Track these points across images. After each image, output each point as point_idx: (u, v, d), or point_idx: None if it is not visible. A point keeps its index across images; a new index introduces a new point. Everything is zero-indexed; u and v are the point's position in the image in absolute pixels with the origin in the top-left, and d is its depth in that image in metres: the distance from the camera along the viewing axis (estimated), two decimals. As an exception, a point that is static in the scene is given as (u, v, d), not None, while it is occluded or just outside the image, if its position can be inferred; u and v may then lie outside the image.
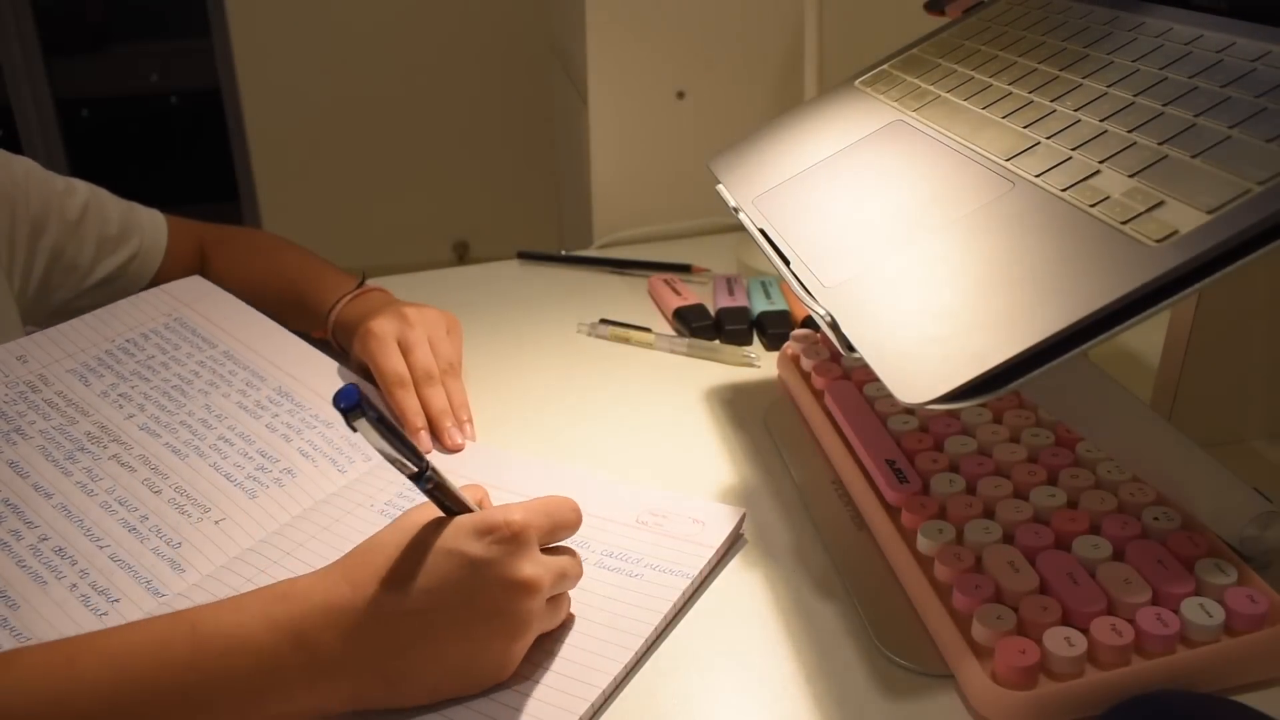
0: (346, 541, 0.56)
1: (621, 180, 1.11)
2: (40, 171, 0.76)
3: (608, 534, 0.57)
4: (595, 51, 1.06)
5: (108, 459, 0.56)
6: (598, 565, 0.54)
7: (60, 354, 0.62)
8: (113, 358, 0.63)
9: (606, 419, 0.72)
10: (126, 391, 0.61)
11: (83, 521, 0.53)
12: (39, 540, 0.51)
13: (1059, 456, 0.56)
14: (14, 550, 0.50)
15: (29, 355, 0.60)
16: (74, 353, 0.62)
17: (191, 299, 0.72)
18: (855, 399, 0.64)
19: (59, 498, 0.53)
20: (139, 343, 0.65)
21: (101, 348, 0.64)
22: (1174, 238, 0.40)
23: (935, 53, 0.69)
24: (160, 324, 0.67)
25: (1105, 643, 0.43)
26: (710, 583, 0.54)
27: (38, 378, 0.59)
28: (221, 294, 0.74)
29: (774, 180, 0.64)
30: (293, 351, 0.71)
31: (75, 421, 0.57)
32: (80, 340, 0.64)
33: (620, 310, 0.88)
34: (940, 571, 0.49)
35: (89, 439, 0.57)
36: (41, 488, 0.53)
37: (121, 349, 0.64)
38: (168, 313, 0.69)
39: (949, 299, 0.45)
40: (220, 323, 0.70)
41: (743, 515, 0.58)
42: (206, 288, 0.73)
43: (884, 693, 0.47)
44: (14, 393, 0.58)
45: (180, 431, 0.60)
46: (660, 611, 0.51)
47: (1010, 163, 0.51)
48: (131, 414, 0.60)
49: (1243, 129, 0.43)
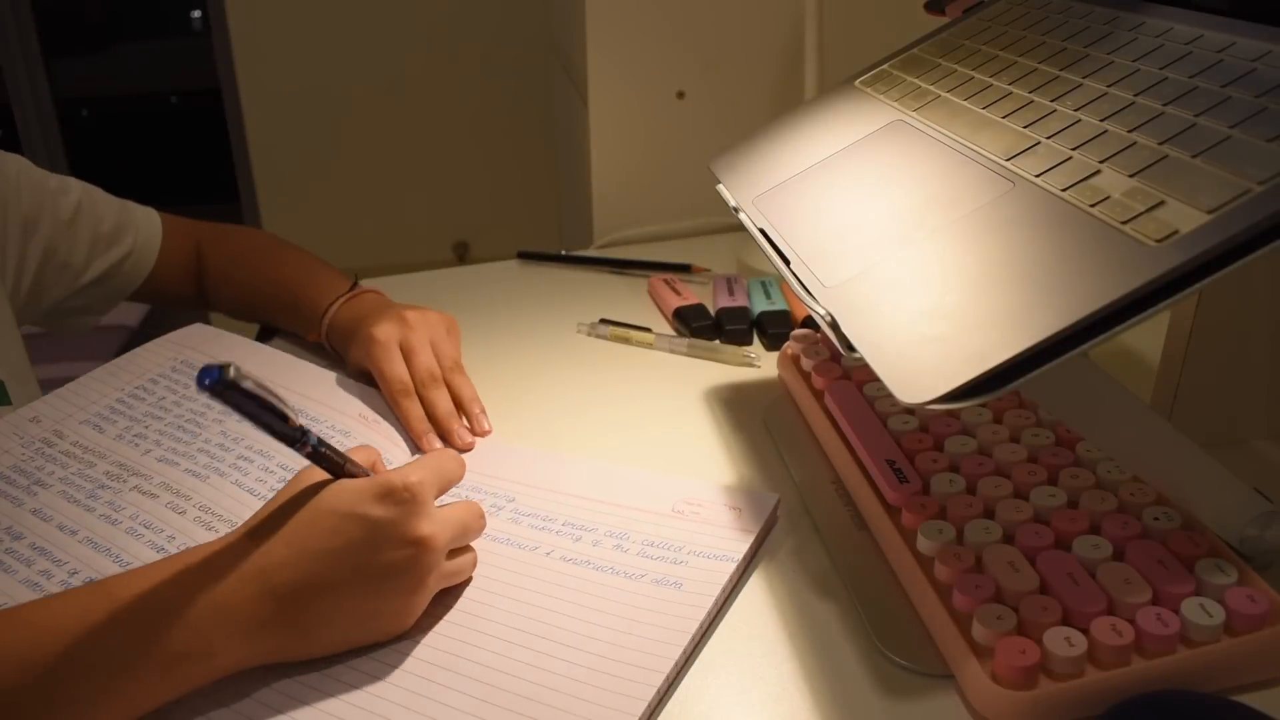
0: None
1: (621, 180, 1.11)
2: (32, 170, 0.76)
3: (646, 525, 0.57)
4: (595, 51, 1.06)
5: (129, 490, 0.57)
6: (640, 555, 0.55)
7: (72, 409, 0.63)
8: (124, 405, 0.64)
9: (606, 419, 0.72)
10: (141, 431, 0.62)
11: (110, 549, 0.53)
12: (69, 575, 0.51)
13: (1059, 456, 0.56)
14: (45, 588, 0.50)
15: (41, 415, 0.62)
16: (85, 405, 0.63)
17: (196, 342, 0.72)
18: (855, 399, 0.64)
19: (84, 533, 0.54)
20: (148, 388, 0.66)
21: (112, 397, 0.65)
22: (1174, 237, 0.40)
23: (935, 52, 0.69)
24: (168, 368, 0.68)
25: (1105, 643, 0.43)
26: (750, 573, 0.55)
27: (52, 433, 0.60)
28: (227, 335, 0.74)
29: (774, 180, 0.64)
30: (301, 372, 0.72)
31: (93, 465, 0.58)
32: (90, 394, 0.65)
33: (620, 310, 0.87)
34: (940, 571, 0.49)
35: (108, 477, 0.58)
36: (66, 527, 0.54)
37: (132, 395, 0.65)
38: (174, 356, 0.70)
39: (949, 299, 0.45)
40: (227, 358, 0.71)
41: (778, 500, 0.59)
42: (211, 332, 0.74)
43: (884, 693, 0.47)
44: (30, 450, 0.59)
45: (198, 458, 0.60)
46: (711, 596, 0.51)
47: (1010, 162, 0.51)
48: (148, 449, 0.60)
49: (1243, 129, 0.43)
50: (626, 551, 0.55)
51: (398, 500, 0.48)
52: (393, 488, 0.48)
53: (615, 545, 0.55)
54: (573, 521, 0.58)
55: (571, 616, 0.51)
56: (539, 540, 0.56)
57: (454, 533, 0.51)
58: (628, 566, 0.54)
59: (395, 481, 0.48)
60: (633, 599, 0.51)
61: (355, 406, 0.69)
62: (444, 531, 0.49)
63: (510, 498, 0.61)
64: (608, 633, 0.49)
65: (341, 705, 0.46)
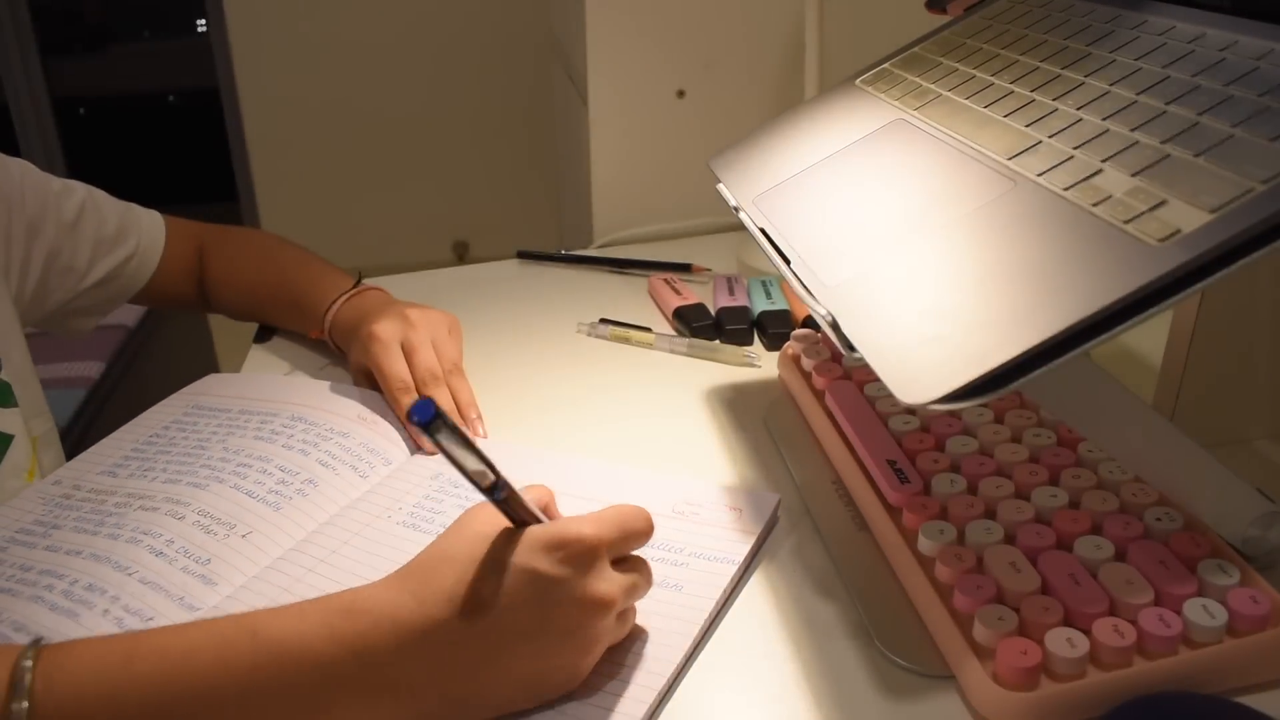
0: (377, 546, 0.56)
1: (621, 180, 1.11)
2: (36, 173, 0.76)
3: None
4: (595, 51, 1.06)
5: (133, 510, 0.57)
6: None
7: (91, 466, 0.64)
8: (139, 452, 0.65)
9: (606, 419, 0.72)
10: (150, 466, 0.63)
11: (110, 557, 0.53)
12: (70, 585, 0.52)
13: (1060, 457, 0.56)
14: (46, 599, 0.51)
15: (62, 478, 0.63)
16: (102, 461, 0.64)
17: (207, 389, 0.73)
18: (856, 399, 0.64)
19: (88, 551, 0.54)
20: (161, 434, 0.67)
21: (128, 448, 0.66)
22: (1176, 237, 0.40)
23: (936, 51, 0.69)
24: (180, 414, 0.69)
25: (1107, 644, 0.43)
26: (750, 572, 0.54)
27: (71, 488, 0.61)
28: (238, 378, 0.75)
29: (774, 180, 0.64)
30: (302, 387, 0.73)
31: (104, 501, 0.59)
32: (108, 450, 0.66)
33: (620, 310, 0.87)
34: (941, 572, 0.49)
35: (116, 506, 0.58)
36: (73, 550, 0.54)
37: (147, 443, 0.66)
38: (187, 404, 0.71)
39: (950, 299, 0.45)
40: (235, 394, 0.72)
41: (778, 501, 0.59)
42: (225, 379, 0.75)
43: (884, 693, 0.47)
44: (50, 505, 0.60)
45: (201, 471, 0.61)
46: (713, 598, 0.51)
47: (1012, 162, 0.51)
48: (155, 477, 0.61)
49: (1245, 128, 0.43)
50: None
51: (570, 554, 0.44)
52: (567, 540, 0.44)
53: None
54: None
55: None
56: None
57: (627, 594, 0.46)
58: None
59: (570, 534, 0.44)
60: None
61: (353, 408, 0.69)
62: (619, 592, 0.45)
63: None
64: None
65: None
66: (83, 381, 1.37)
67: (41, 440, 0.74)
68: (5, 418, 0.69)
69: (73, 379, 1.38)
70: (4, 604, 0.50)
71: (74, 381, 1.37)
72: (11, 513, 0.59)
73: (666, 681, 0.46)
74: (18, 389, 0.71)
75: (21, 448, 0.70)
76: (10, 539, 0.56)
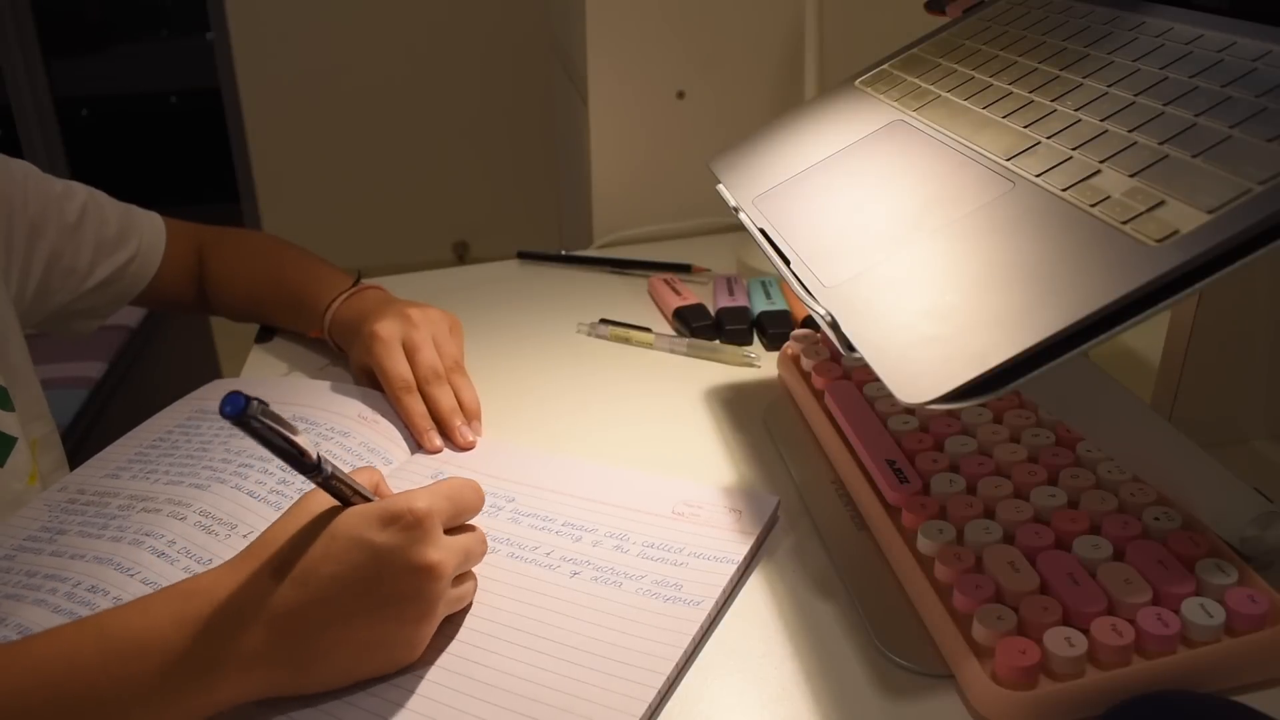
0: None
1: (621, 180, 1.11)
2: (38, 175, 0.76)
3: (646, 526, 0.57)
4: (595, 51, 1.06)
5: (136, 512, 0.58)
6: (640, 556, 0.55)
7: (95, 473, 0.64)
8: (143, 456, 0.65)
9: (606, 419, 0.72)
10: (153, 468, 0.63)
11: (113, 559, 0.54)
12: (73, 587, 0.52)
13: (1059, 456, 0.56)
14: (50, 602, 0.51)
15: (68, 484, 0.63)
16: (106, 465, 0.65)
17: (211, 394, 0.73)
18: (855, 399, 0.64)
19: (92, 554, 0.54)
20: (165, 438, 0.67)
21: (132, 452, 0.66)
22: (1174, 237, 0.40)
23: (935, 52, 0.69)
24: (184, 419, 0.69)
25: (1106, 643, 0.43)
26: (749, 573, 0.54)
27: (76, 492, 0.62)
28: (241, 382, 0.75)
29: (774, 180, 0.64)
30: (303, 387, 0.73)
31: (108, 504, 0.59)
32: (113, 456, 0.66)
33: (620, 310, 0.87)
34: (940, 571, 0.49)
35: (119, 508, 0.59)
36: (77, 554, 0.55)
37: (151, 447, 0.66)
38: (191, 409, 0.71)
39: (949, 299, 0.45)
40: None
41: (778, 502, 0.59)
42: (228, 385, 0.75)
43: (884, 693, 0.47)
44: (55, 510, 0.60)
45: (202, 473, 0.61)
46: (711, 598, 0.51)
47: (1010, 162, 0.51)
48: (157, 479, 0.61)
49: (1243, 129, 0.43)
50: (626, 553, 0.55)
51: (404, 526, 0.46)
52: (398, 513, 0.46)
53: (615, 546, 0.55)
54: (573, 522, 0.58)
55: (571, 617, 0.50)
56: (539, 540, 0.56)
57: (459, 559, 0.49)
58: (628, 568, 0.54)
59: (401, 507, 0.46)
60: (633, 600, 0.51)
61: (354, 408, 0.69)
62: (451, 558, 0.48)
63: (510, 498, 0.61)
64: (608, 634, 0.49)
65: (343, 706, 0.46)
66: (85, 381, 1.38)
67: (41, 443, 0.74)
68: (6, 421, 0.70)
69: (75, 379, 1.38)
70: (9, 608, 0.51)
71: (76, 381, 1.37)
72: (20, 521, 0.59)
73: (666, 681, 0.47)
74: (15, 392, 0.71)
75: (23, 451, 0.70)
76: (19, 546, 0.57)
